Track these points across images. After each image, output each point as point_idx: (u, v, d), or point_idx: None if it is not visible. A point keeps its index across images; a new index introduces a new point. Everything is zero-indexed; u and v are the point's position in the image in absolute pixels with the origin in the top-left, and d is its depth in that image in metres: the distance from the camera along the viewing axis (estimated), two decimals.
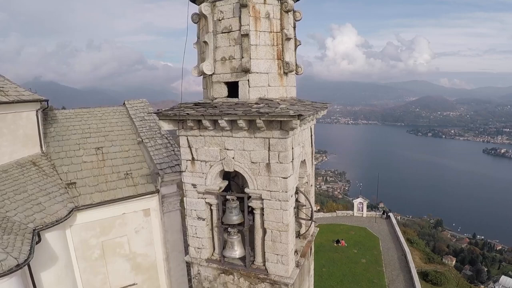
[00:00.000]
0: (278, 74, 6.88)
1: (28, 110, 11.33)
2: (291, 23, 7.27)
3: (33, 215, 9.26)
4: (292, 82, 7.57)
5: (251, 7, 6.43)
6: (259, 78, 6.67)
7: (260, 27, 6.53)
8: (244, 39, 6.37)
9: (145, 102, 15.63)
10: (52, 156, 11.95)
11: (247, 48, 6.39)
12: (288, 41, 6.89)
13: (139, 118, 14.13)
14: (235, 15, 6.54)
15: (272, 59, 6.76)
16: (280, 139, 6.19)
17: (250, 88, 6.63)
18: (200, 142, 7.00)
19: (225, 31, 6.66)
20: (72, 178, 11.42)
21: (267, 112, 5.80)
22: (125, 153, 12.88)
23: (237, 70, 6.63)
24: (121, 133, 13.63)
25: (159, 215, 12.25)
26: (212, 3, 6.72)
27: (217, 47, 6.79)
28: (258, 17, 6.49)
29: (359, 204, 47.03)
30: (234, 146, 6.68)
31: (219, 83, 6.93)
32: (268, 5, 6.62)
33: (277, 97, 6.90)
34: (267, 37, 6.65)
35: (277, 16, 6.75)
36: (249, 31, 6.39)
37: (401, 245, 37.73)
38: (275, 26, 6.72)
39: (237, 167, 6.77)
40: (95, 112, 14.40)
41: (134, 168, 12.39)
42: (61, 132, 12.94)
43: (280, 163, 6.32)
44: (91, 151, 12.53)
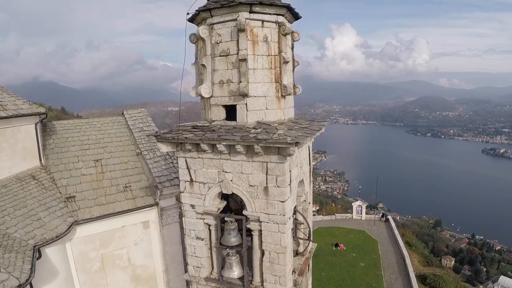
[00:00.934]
0: (276, 97, 6.92)
1: (27, 123, 11.35)
2: (289, 45, 7.31)
3: (33, 231, 9.30)
4: (290, 103, 7.61)
5: (249, 31, 6.47)
6: (257, 101, 6.71)
7: (258, 51, 6.57)
8: (242, 63, 6.41)
9: (144, 112, 15.65)
10: (51, 169, 11.97)
11: (245, 73, 6.43)
12: (286, 64, 6.93)
13: (138, 129, 14.16)
14: (233, 38, 6.57)
15: (270, 82, 6.80)
16: (277, 163, 6.23)
17: (248, 111, 6.67)
18: (199, 164, 7.04)
19: (223, 55, 6.70)
20: (71, 192, 11.45)
21: (265, 139, 5.84)
22: (124, 165, 12.91)
23: (235, 93, 6.67)
24: (120, 144, 13.66)
25: (158, 227, 12.28)
26: (210, 26, 6.75)
27: (215, 70, 6.83)
28: (256, 41, 6.53)
29: (358, 207, 47.12)
30: (232, 169, 6.72)
31: (217, 106, 6.97)
32: (266, 28, 6.65)
33: (275, 120, 6.94)
34: (265, 61, 6.69)
35: (275, 39, 6.79)
36: (247, 55, 6.43)
37: (399, 249, 37.81)
38: (273, 50, 6.75)
39: (235, 190, 6.81)
40: (94, 122, 14.43)
41: (133, 181, 12.42)
42: (60, 144, 12.96)
43: (278, 187, 6.36)
44: (90, 163, 12.56)
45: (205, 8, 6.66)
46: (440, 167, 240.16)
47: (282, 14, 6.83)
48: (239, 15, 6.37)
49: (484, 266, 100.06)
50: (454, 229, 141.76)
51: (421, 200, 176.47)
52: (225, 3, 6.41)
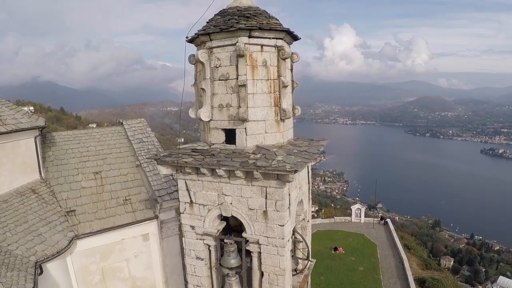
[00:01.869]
0: (275, 121, 6.97)
1: (26, 137, 11.38)
2: (288, 67, 7.35)
3: (35, 247, 9.36)
4: (289, 125, 7.65)
5: (248, 56, 6.51)
6: (256, 126, 6.76)
7: (257, 75, 6.62)
8: (241, 89, 6.46)
9: (143, 122, 15.67)
10: (51, 182, 12.00)
11: (244, 98, 6.47)
12: (285, 88, 6.97)
13: (137, 140, 14.19)
14: (232, 63, 6.61)
15: (269, 106, 6.84)
16: (277, 188, 6.29)
17: (247, 136, 6.72)
18: (198, 186, 7.09)
19: (222, 79, 6.75)
20: (71, 205, 11.48)
21: (264, 166, 5.90)
22: (124, 177, 12.95)
23: (234, 118, 6.72)
24: (119, 156, 13.70)
25: (158, 240, 12.33)
26: (209, 50, 6.79)
27: (215, 94, 6.88)
28: (255, 65, 6.57)
29: (357, 210, 47.21)
30: (232, 192, 6.77)
31: (216, 129, 7.02)
32: (265, 52, 6.69)
33: (274, 143, 6.98)
34: (264, 85, 6.73)
35: (274, 63, 6.83)
36: (246, 80, 6.48)
37: (398, 252, 37.89)
38: (272, 74, 6.79)
39: (235, 213, 6.86)
40: (93, 133, 14.45)
41: (133, 193, 12.46)
42: (59, 156, 12.99)
43: (277, 211, 6.42)
44: (90, 175, 12.60)
45: (204, 32, 6.71)
46: (439, 167, 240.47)
47: (281, 38, 6.88)
48: (238, 40, 6.41)
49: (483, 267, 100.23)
50: (453, 229, 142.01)
51: (420, 200, 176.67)
52: (224, 28, 6.45)
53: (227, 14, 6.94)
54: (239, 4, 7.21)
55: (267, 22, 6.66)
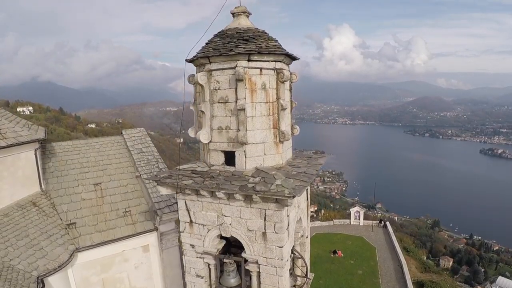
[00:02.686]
0: (274, 142, 7.04)
1: (26, 150, 11.44)
2: (287, 87, 7.43)
3: (36, 261, 9.44)
4: (288, 145, 7.73)
5: (247, 80, 6.59)
6: (255, 148, 6.83)
7: (256, 98, 6.69)
8: (240, 112, 6.53)
9: (142, 131, 15.72)
10: (52, 194, 12.07)
11: (243, 121, 6.54)
12: (284, 110, 7.04)
13: (137, 151, 14.25)
14: (231, 86, 6.68)
15: (268, 128, 6.91)
16: (275, 211, 6.36)
17: (246, 158, 6.79)
18: (198, 206, 7.16)
19: (222, 101, 6.82)
20: (72, 218, 11.56)
21: (263, 191, 5.97)
22: (124, 188, 13.02)
23: (233, 140, 6.79)
24: (119, 166, 13.76)
25: (158, 251, 12.40)
26: (209, 72, 6.86)
27: (214, 116, 6.94)
28: (254, 88, 6.65)
29: (356, 212, 47.24)
30: (231, 213, 6.85)
31: (216, 151, 7.09)
32: (264, 75, 6.76)
33: (273, 165, 7.05)
34: (263, 108, 6.80)
35: (273, 86, 6.90)
36: (245, 104, 6.55)
37: (397, 255, 37.96)
38: (271, 96, 6.87)
39: (234, 233, 6.94)
40: (92, 143, 14.50)
41: (133, 205, 12.53)
42: (59, 167, 13.05)
43: (276, 233, 6.49)
44: (90, 187, 12.66)
45: (204, 55, 6.77)
46: (438, 167, 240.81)
47: (280, 60, 6.95)
48: (237, 64, 6.48)
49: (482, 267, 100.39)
50: (452, 229, 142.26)
51: (419, 200, 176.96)
52: (223, 52, 6.52)
53: (226, 36, 7.00)
54: (238, 26, 7.28)
55: (266, 45, 6.72)
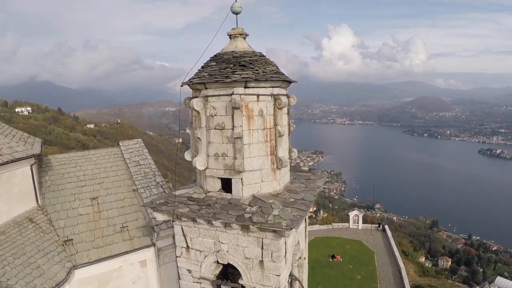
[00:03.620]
0: (271, 169, 6.97)
1: (22, 166, 11.34)
2: (285, 111, 7.34)
3: (33, 281, 9.36)
4: (285, 170, 7.66)
5: (244, 107, 6.51)
6: (252, 175, 6.76)
7: (253, 125, 6.62)
8: (237, 140, 6.45)
9: (140, 142, 15.62)
10: (48, 209, 11.98)
11: (240, 149, 6.47)
12: (282, 137, 6.96)
13: (134, 163, 14.16)
14: (227, 113, 6.61)
15: (265, 155, 6.84)
16: (273, 240, 6.29)
17: (243, 186, 6.72)
18: (195, 232, 7.09)
19: (218, 128, 6.74)
20: (68, 234, 11.47)
21: (260, 222, 5.90)
22: (121, 202, 12.93)
23: (230, 168, 6.72)
24: (116, 179, 13.66)
25: (155, 266, 12.32)
26: (205, 98, 6.78)
27: (210, 143, 6.87)
28: (251, 116, 6.57)
29: (354, 216, 47.23)
30: (228, 240, 6.77)
31: (212, 177, 7.01)
32: (261, 102, 6.69)
33: (271, 191, 6.98)
34: (260, 135, 6.73)
35: (270, 112, 6.83)
36: (242, 132, 6.48)
37: (396, 260, 37.92)
38: (268, 123, 6.79)
39: (231, 261, 6.87)
40: (89, 156, 14.40)
41: (130, 219, 12.45)
42: (56, 180, 12.96)
43: (273, 261, 6.43)
44: (87, 201, 12.57)
45: (200, 81, 6.68)
46: (437, 167, 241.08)
47: (277, 86, 6.87)
48: (234, 90, 6.41)
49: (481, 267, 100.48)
50: (451, 229, 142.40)
51: (418, 200, 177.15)
52: (219, 79, 6.44)
53: (222, 60, 6.92)
54: (235, 49, 7.20)
55: (263, 71, 6.64)
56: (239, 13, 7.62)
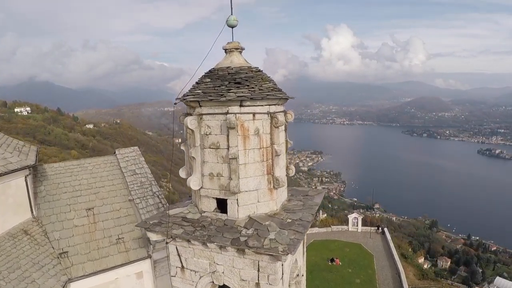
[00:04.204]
0: (268, 189, 6.80)
1: (16, 177, 11.18)
2: (283, 128, 7.18)
3: None
4: (283, 188, 7.49)
5: (240, 126, 6.35)
6: (248, 196, 6.60)
7: (249, 145, 6.45)
8: (233, 161, 6.29)
9: (136, 150, 15.44)
10: (43, 221, 11.81)
11: (236, 170, 6.31)
12: (278, 156, 6.79)
13: (130, 172, 13.98)
14: (222, 132, 6.44)
15: (262, 175, 6.67)
16: (269, 263, 6.14)
17: (239, 207, 6.56)
18: (189, 253, 6.94)
19: (213, 147, 6.58)
20: (64, 246, 11.32)
21: (256, 246, 5.75)
22: (117, 212, 12.77)
23: (225, 188, 6.55)
24: (112, 189, 13.49)
25: (152, 277, 12.17)
26: (199, 116, 6.61)
27: (205, 162, 6.70)
28: (247, 135, 6.41)
29: (354, 219, 47.13)
30: (224, 262, 6.62)
31: (207, 197, 6.85)
32: (257, 120, 6.52)
33: (267, 211, 6.82)
34: (257, 154, 6.56)
35: (267, 131, 6.66)
36: (237, 152, 6.31)
37: (395, 263, 37.81)
38: (264, 142, 6.63)
39: (227, 282, 6.72)
40: (85, 164, 14.22)
41: (126, 230, 12.29)
42: (51, 190, 12.79)
43: (270, 284, 6.28)
44: (82, 212, 12.41)
45: (194, 99, 6.52)
46: (436, 167, 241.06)
47: (274, 104, 6.71)
48: (229, 109, 6.25)
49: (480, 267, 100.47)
50: (450, 229, 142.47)
51: (417, 200, 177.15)
52: (214, 97, 6.28)
53: (217, 77, 6.76)
54: (230, 64, 7.04)
55: (259, 89, 6.48)
56: (234, 27, 7.47)
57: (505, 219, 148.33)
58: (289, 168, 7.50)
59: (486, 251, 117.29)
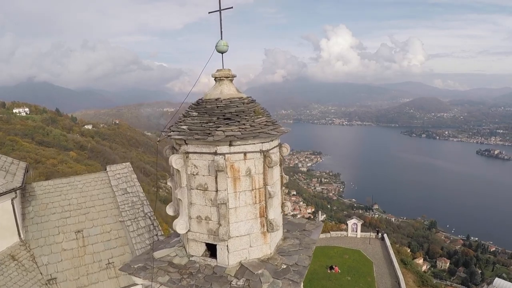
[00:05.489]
0: (261, 233, 6.30)
1: (2, 201, 10.76)
2: (277, 163, 6.70)
3: None
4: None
5: (229, 167, 5.87)
6: (240, 241, 6.12)
7: (239, 187, 5.97)
8: (222, 206, 5.83)
9: (128, 167, 14.96)
10: (32, 244, 11.40)
11: (225, 215, 5.84)
12: (272, 198, 6.32)
13: (122, 191, 13.53)
14: (211, 173, 5.97)
15: (254, 218, 6.18)
16: None
17: (229, 253, 6.07)
18: None
19: (200, 189, 6.10)
20: (52, 272, 10.93)
21: None
22: (107, 234, 12.34)
23: (214, 233, 6.07)
24: (102, 209, 13.07)
25: None
26: (185, 154, 6.14)
27: (192, 204, 6.23)
28: (237, 176, 5.94)
29: (353, 224, 46.70)
30: None
31: (195, 241, 6.37)
32: (249, 160, 6.03)
33: (260, 256, 6.31)
34: (248, 196, 6.08)
35: (259, 171, 6.17)
36: (227, 196, 5.84)
37: (394, 270, 37.43)
38: (257, 183, 6.13)
39: None
40: (75, 182, 13.78)
41: (116, 254, 11.87)
42: (39, 211, 12.37)
43: None
44: (71, 235, 11.99)
45: (179, 136, 6.05)
46: (435, 168, 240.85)
47: (267, 141, 6.23)
48: (217, 149, 5.79)
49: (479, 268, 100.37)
50: (449, 230, 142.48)
51: (416, 201, 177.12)
52: (201, 137, 5.81)
53: (205, 111, 6.29)
54: (220, 95, 6.58)
55: (251, 125, 6.00)
56: (225, 52, 7.05)
57: (504, 219, 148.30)
58: (285, 205, 7.02)
59: (485, 252, 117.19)
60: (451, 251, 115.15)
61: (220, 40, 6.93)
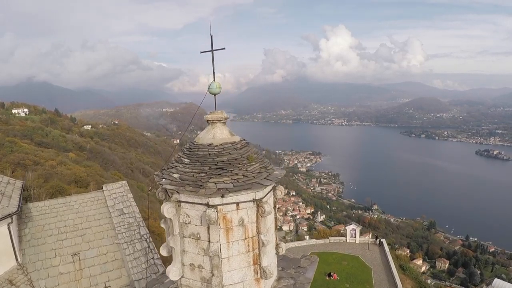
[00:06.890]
0: (255, 279, 6.32)
1: None
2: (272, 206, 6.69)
3: None
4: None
5: (222, 218, 5.89)
6: None
7: (232, 237, 5.98)
8: (214, 257, 5.85)
9: (124, 185, 14.97)
10: (29, 268, 11.43)
11: (218, 265, 5.86)
12: (266, 247, 6.33)
13: (118, 212, 13.55)
14: (203, 223, 5.97)
15: (248, 266, 6.21)
16: None
17: None
18: None
19: (193, 238, 6.12)
20: None
21: None
22: (103, 257, 12.36)
23: (207, 281, 6.11)
24: (98, 230, 13.08)
25: None
26: (177, 203, 6.16)
27: (185, 251, 6.25)
28: (230, 227, 5.95)
29: (352, 230, 46.75)
30: None
31: (188, 286, 6.41)
32: (242, 210, 6.03)
33: None
34: (241, 245, 6.10)
35: (252, 220, 6.17)
36: (219, 248, 5.84)
37: (393, 277, 37.45)
38: (250, 231, 6.15)
39: None
40: (71, 203, 13.80)
41: (113, 277, 11.90)
42: (36, 234, 12.39)
43: None
44: (68, 258, 12.01)
45: (171, 187, 6.05)
46: (434, 168, 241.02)
47: (261, 189, 6.24)
48: (209, 201, 5.80)
49: (478, 269, 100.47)
50: (448, 230, 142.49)
51: (415, 201, 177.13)
52: (192, 189, 5.81)
53: (197, 159, 6.29)
54: (213, 140, 6.59)
55: (244, 175, 6.01)
56: (217, 94, 7.07)
57: (504, 220, 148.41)
58: (279, 246, 7.06)
59: (484, 253, 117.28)
60: (450, 252, 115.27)
61: (212, 82, 6.94)
